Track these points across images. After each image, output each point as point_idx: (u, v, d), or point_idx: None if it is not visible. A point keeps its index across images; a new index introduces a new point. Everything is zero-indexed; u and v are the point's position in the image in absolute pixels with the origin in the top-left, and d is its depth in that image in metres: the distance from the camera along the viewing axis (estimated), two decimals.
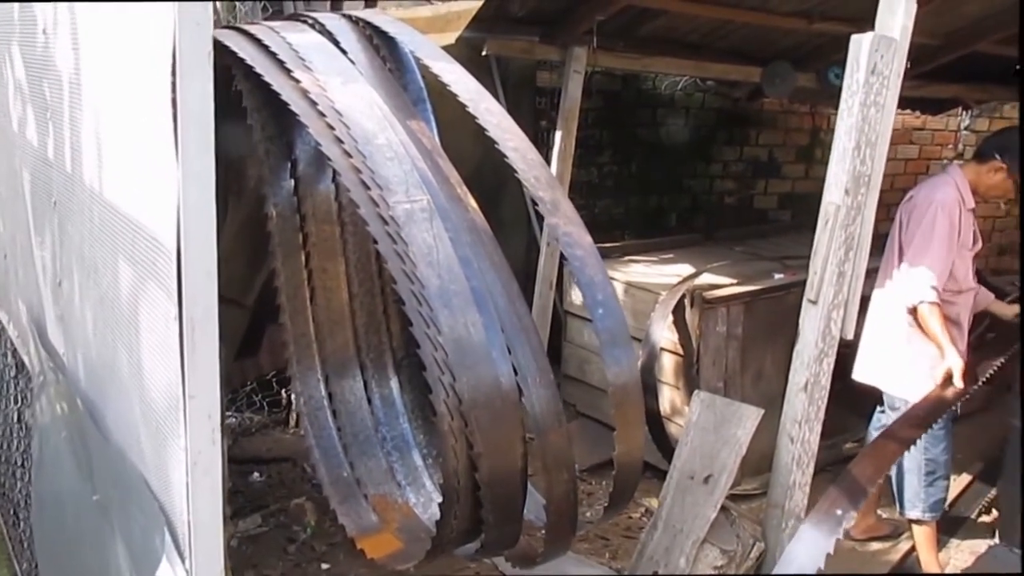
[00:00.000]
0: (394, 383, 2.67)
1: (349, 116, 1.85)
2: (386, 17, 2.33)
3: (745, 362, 3.89)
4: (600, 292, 1.83)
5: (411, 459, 2.59)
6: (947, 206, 3.11)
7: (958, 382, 2.99)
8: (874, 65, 2.39)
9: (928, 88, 5.05)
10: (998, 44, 4.60)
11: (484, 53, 3.90)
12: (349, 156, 1.80)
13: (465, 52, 3.68)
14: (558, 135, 4.09)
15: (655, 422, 3.61)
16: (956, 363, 3.00)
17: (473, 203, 1.97)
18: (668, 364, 3.88)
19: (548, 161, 4.06)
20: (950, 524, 3.80)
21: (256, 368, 3.45)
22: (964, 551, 3.67)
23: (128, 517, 1.49)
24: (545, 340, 4.14)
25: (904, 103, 5.65)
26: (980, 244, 3.36)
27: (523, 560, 2.17)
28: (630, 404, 1.86)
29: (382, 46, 2.35)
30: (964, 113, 6.64)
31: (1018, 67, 5.54)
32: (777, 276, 4.14)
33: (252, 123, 2.28)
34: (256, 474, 3.72)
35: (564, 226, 1.87)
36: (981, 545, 3.68)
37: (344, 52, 2.12)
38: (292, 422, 4.07)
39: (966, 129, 6.86)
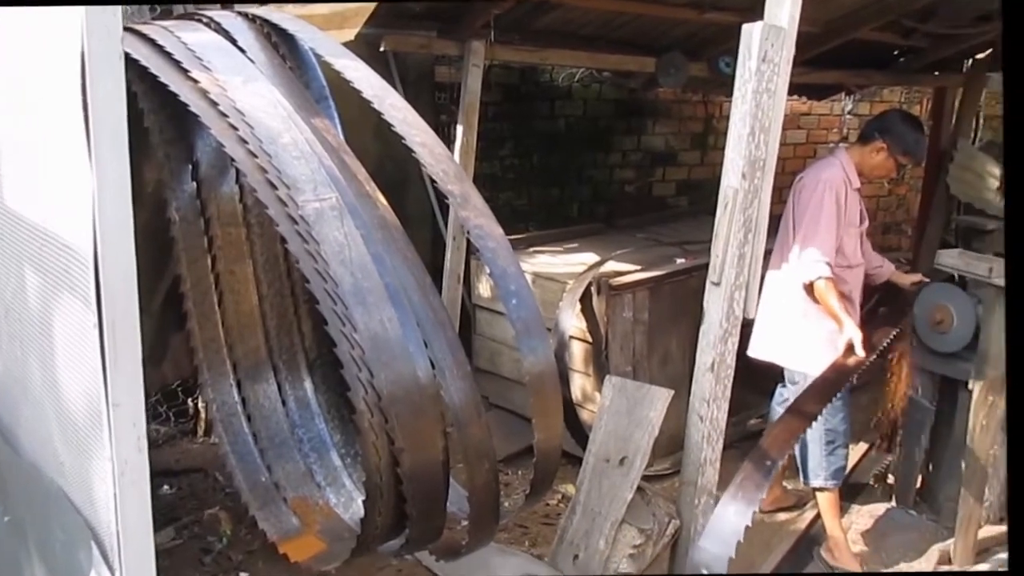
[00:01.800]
0: (308, 384, 2.64)
1: (252, 116, 1.82)
2: (284, 15, 2.30)
3: (652, 346, 4.00)
4: (513, 283, 1.86)
5: (329, 459, 2.57)
6: (834, 185, 3.28)
7: (860, 352, 3.15)
8: (765, 53, 2.48)
9: (813, 75, 5.25)
10: (875, 32, 4.85)
11: (382, 49, 3.87)
12: (254, 156, 1.77)
13: (363, 48, 3.65)
14: (459, 129, 4.10)
15: (567, 409, 3.67)
16: (856, 334, 3.16)
17: (382, 199, 1.96)
18: (578, 352, 3.95)
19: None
20: (850, 490, 4.00)
21: (160, 378, 3.35)
22: (864, 515, 3.87)
23: (47, 534, 1.43)
24: None
25: (791, 89, 5.85)
26: (867, 222, 3.55)
27: (448, 552, 2.18)
28: (547, 392, 1.89)
29: (281, 44, 2.31)
30: (847, 98, 6.97)
31: (896, 53, 5.88)
32: (679, 261, 4.26)
33: (149, 126, 2.21)
34: (166, 487, 3.60)
35: (475, 218, 1.89)
36: (880, 508, 3.88)
37: (243, 51, 2.08)
38: (201, 431, 3.97)
39: (849, 113, 7.20)
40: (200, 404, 3.93)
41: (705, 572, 2.40)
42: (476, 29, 3.99)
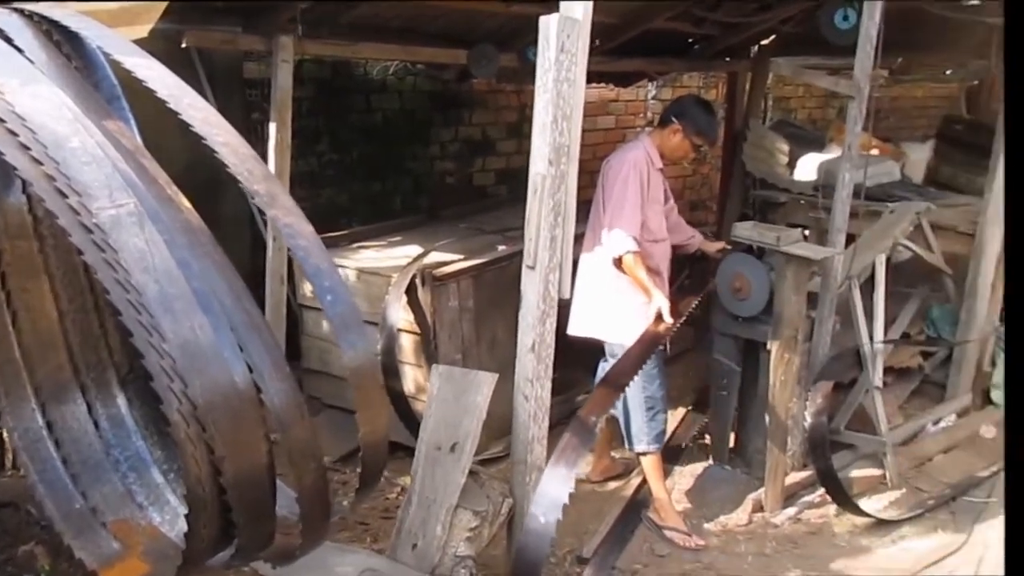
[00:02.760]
0: (121, 401, 2.50)
1: (34, 120, 1.70)
2: (66, 11, 2.15)
3: (479, 332, 4.08)
4: (328, 279, 1.85)
5: (150, 477, 2.45)
6: (638, 166, 3.49)
7: (668, 319, 3.37)
8: (562, 44, 2.58)
9: (617, 63, 5.51)
10: (670, 21, 5.14)
11: (183, 45, 3.72)
12: (39, 163, 1.66)
13: (162, 45, 3.48)
14: (272, 127, 4.00)
15: (401, 402, 3.70)
16: (664, 303, 3.39)
17: (186, 202, 1.89)
18: (407, 344, 3.97)
19: (265, 154, 3.97)
20: (672, 453, 4.27)
21: None
22: (686, 475, 4.15)
23: None
24: (283, 335, 4.07)
25: (598, 78, 6.14)
26: (671, 201, 3.79)
27: (282, 557, 2.15)
28: (369, 385, 1.90)
29: (64, 43, 2.17)
30: (650, 84, 7.35)
31: (690, 41, 6.25)
32: (500, 248, 4.37)
33: None
34: None
35: (284, 217, 1.86)
36: (699, 467, 4.18)
37: (20, 51, 1.94)
38: (8, 463, 3.68)
39: (653, 99, 7.59)
40: (3, 434, 3.64)
41: (542, 519, 2.49)
42: (282, 24, 3.90)
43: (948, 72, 7.37)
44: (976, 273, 4.53)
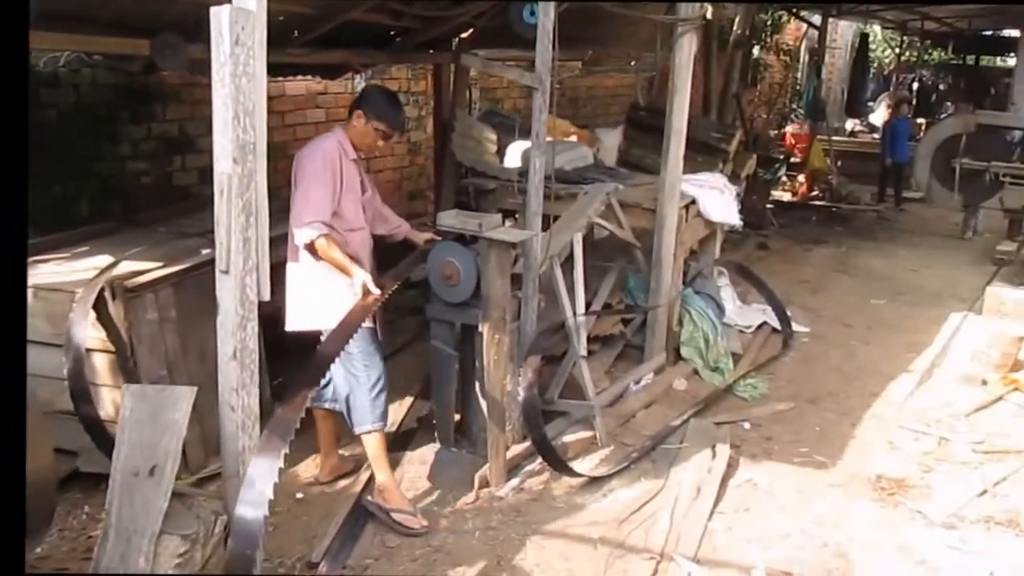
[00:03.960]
0: None
1: None
2: None
3: (186, 344, 3.83)
4: None
5: None
6: (328, 155, 3.49)
7: (374, 290, 3.39)
8: (237, 36, 2.48)
9: (318, 55, 5.37)
10: (369, 13, 5.10)
11: None
12: None
13: None
14: None
15: (97, 429, 3.38)
16: (365, 276, 3.42)
17: None
18: (101, 364, 3.62)
19: None
20: (402, 440, 4.31)
21: None
22: (415, 461, 4.19)
23: None
24: None
25: (301, 70, 5.96)
26: (369, 191, 3.78)
27: None
28: (28, 418, 1.70)
29: None
30: (358, 77, 7.28)
31: (393, 33, 6.25)
32: (204, 252, 4.10)
33: None
34: None
35: None
36: (428, 452, 4.23)
37: None
38: None
39: None
40: None
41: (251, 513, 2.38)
42: None
43: (632, 64, 8.06)
44: (660, 245, 5.00)
